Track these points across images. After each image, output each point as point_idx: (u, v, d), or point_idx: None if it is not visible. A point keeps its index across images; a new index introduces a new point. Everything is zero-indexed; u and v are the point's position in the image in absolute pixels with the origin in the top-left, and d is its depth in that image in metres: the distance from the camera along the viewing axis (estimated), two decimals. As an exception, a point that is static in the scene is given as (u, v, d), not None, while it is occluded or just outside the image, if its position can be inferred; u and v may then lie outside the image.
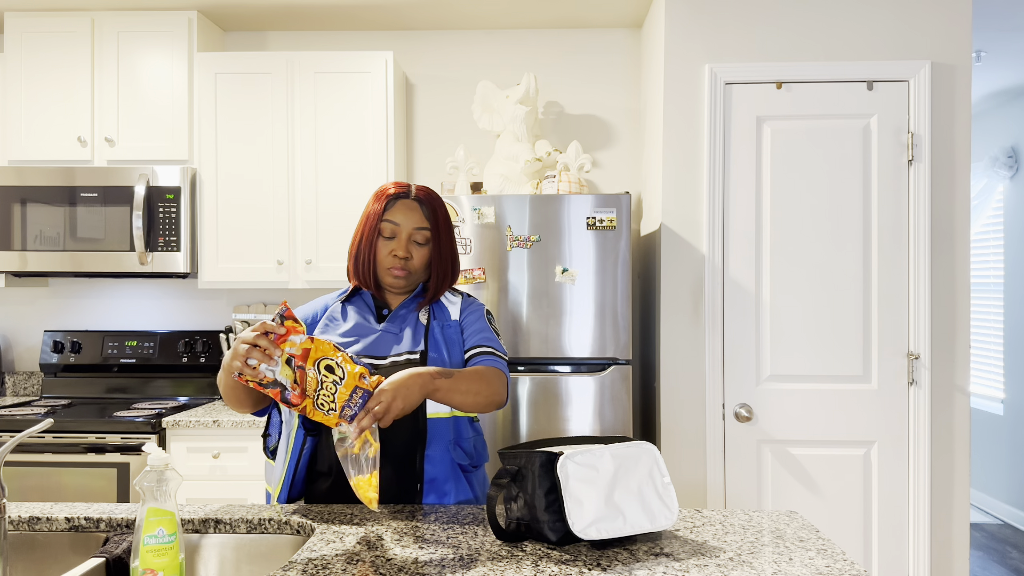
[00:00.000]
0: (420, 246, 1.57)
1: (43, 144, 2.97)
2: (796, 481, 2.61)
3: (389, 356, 1.55)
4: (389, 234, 1.55)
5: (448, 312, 1.62)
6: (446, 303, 1.64)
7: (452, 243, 1.62)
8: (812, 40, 2.62)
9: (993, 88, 4.20)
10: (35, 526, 1.46)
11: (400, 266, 1.55)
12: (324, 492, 1.55)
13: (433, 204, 1.59)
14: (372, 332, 1.57)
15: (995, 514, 4.58)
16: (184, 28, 2.95)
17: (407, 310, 1.61)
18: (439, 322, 1.60)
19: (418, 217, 1.56)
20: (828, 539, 1.33)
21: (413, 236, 1.56)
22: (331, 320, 1.61)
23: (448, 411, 1.54)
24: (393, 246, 1.55)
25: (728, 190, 2.63)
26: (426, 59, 3.29)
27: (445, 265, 1.60)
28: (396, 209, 1.56)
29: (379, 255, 1.56)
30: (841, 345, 2.60)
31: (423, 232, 1.56)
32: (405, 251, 1.55)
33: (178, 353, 3.14)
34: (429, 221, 1.57)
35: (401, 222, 1.55)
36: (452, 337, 1.59)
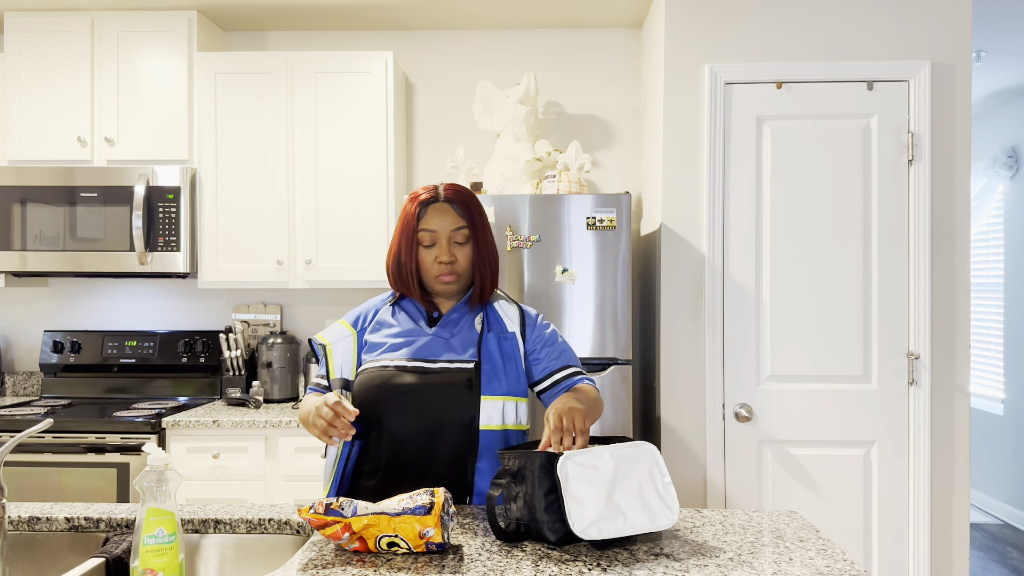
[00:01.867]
0: (461, 246, 1.57)
1: (43, 144, 2.97)
2: (796, 481, 2.60)
3: (440, 361, 1.54)
4: (429, 242, 1.55)
5: (504, 324, 1.61)
6: (501, 314, 1.62)
7: (490, 236, 1.61)
8: (812, 40, 2.62)
9: (993, 88, 4.20)
10: (35, 526, 1.46)
11: (447, 271, 1.55)
12: (369, 490, 1.55)
13: (465, 201, 1.58)
14: (423, 336, 1.57)
15: (995, 514, 4.58)
16: (184, 28, 2.95)
17: (459, 314, 1.60)
18: (495, 334, 1.58)
19: (453, 218, 1.55)
20: (828, 539, 1.33)
21: (453, 238, 1.56)
22: (380, 323, 1.61)
23: (500, 424, 1.53)
24: (436, 253, 1.55)
25: (728, 190, 2.62)
26: (426, 59, 3.29)
27: (487, 259, 1.60)
28: (430, 215, 1.55)
29: (424, 265, 1.56)
30: (841, 345, 2.60)
31: (462, 231, 1.56)
32: (449, 255, 1.54)
33: (178, 353, 3.14)
34: (465, 219, 1.56)
35: (438, 227, 1.55)
36: (508, 351, 1.57)
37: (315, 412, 1.38)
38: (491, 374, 1.53)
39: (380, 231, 2.92)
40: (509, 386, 1.54)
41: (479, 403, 1.51)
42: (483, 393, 1.51)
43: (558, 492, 1.24)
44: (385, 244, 2.92)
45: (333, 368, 1.59)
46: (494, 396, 1.52)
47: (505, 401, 1.53)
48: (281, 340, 3.05)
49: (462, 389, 1.51)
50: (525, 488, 1.28)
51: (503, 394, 1.53)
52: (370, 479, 1.56)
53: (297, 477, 2.65)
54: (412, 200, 1.58)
